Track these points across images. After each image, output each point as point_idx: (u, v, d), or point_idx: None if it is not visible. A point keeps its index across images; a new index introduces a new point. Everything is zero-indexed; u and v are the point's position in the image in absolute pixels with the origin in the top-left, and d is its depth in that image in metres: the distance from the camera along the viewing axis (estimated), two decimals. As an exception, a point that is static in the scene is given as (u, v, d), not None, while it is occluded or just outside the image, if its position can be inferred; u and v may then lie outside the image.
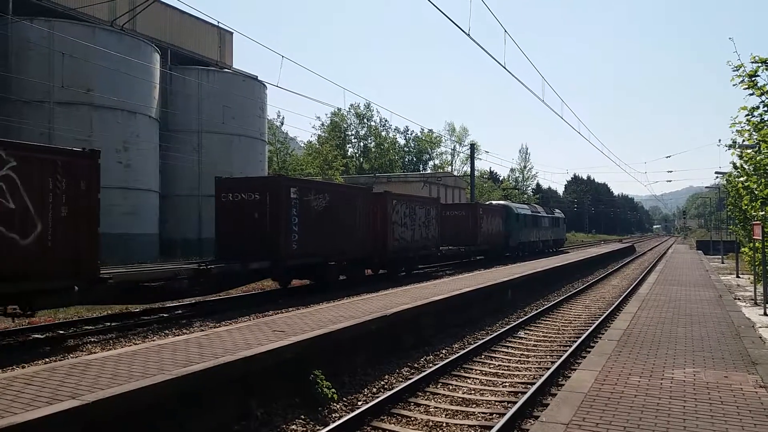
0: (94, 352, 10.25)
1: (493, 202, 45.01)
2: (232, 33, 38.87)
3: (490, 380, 9.75)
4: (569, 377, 8.33)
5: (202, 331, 10.74)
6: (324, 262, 18.60)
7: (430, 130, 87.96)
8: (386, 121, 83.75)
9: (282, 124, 64.42)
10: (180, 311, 15.31)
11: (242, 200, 16.93)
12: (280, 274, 18.07)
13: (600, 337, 11.47)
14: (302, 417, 7.67)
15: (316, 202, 18.51)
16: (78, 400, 5.77)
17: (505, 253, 37.02)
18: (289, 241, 17.15)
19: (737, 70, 10.56)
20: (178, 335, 10.80)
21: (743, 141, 13.50)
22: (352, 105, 79.13)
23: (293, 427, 7.39)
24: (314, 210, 18.33)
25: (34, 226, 10.48)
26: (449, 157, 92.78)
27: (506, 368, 10.62)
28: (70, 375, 6.83)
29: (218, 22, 34.53)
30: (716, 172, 36.16)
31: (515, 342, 12.86)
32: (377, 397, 8.39)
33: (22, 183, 10.25)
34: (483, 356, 11.37)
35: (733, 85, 10.66)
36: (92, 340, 12.00)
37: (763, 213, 14.54)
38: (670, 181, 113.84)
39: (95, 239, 11.59)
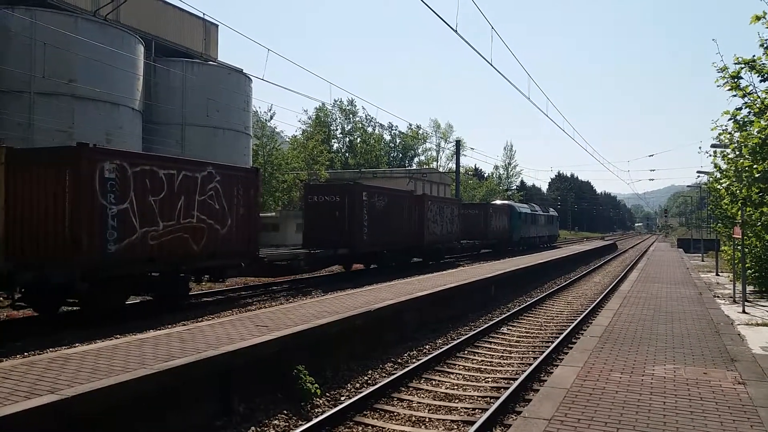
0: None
1: (498, 202, 48.78)
2: (217, 25, 38.46)
3: (473, 375, 9.78)
4: (551, 373, 8.38)
5: (184, 325, 10.64)
6: (383, 251, 23.64)
7: (418, 126, 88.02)
8: (372, 118, 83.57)
9: (272, 118, 64.06)
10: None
11: (326, 201, 21.59)
12: (355, 259, 23.13)
13: (582, 334, 11.56)
14: (285, 412, 7.64)
15: (378, 204, 23.10)
16: (57, 395, 5.69)
17: (509, 247, 40.64)
18: (361, 234, 21.70)
19: (722, 72, 10.67)
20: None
21: (725, 142, 13.66)
22: (335, 101, 78.72)
23: (276, 422, 7.35)
24: (377, 210, 22.91)
25: (227, 221, 15.12)
26: (434, 154, 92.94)
27: (489, 364, 10.66)
28: (48, 369, 6.73)
29: (203, 14, 34.18)
30: (698, 172, 36.81)
31: (498, 338, 12.92)
32: (360, 393, 8.38)
33: (222, 191, 14.98)
34: (466, 351, 11.41)
35: (718, 86, 10.78)
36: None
37: (742, 214, 14.73)
38: (652, 179, 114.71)
39: (256, 230, 16.65)
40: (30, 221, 11.61)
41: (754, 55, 10.32)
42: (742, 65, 10.40)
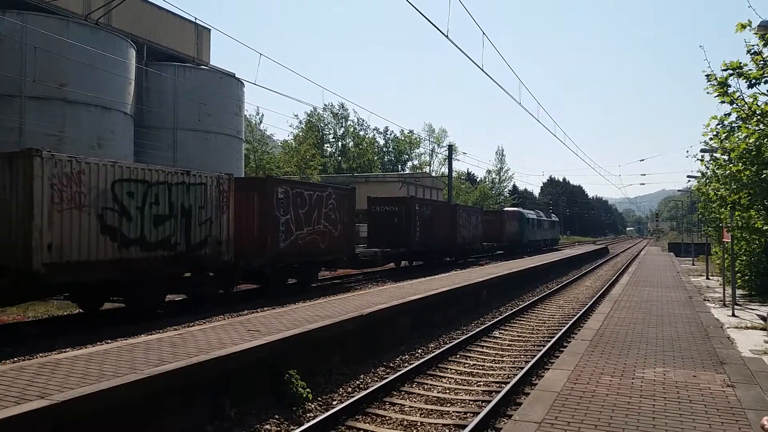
0: (253, 313, 12.62)
1: (509, 208, 55.13)
2: (209, 29, 38.41)
3: (464, 379, 9.81)
4: (542, 376, 8.42)
5: (176, 330, 10.61)
6: (428, 251, 29.68)
7: (411, 131, 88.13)
8: (363, 121, 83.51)
9: (261, 122, 63.88)
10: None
11: (386, 211, 27.67)
12: (409, 256, 29.22)
13: (573, 337, 11.60)
14: (276, 417, 7.63)
15: (425, 212, 29.11)
16: (47, 400, 5.67)
17: (519, 249, 45.71)
18: (414, 236, 27.61)
19: (710, 81, 10.75)
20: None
21: (713, 147, 13.77)
22: (326, 105, 78.47)
23: (267, 426, 7.35)
24: (424, 217, 28.88)
25: (337, 226, 20.63)
26: (428, 158, 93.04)
27: (481, 367, 10.69)
28: (39, 374, 6.70)
29: (195, 19, 34.08)
30: (688, 176, 37.02)
31: (490, 341, 12.95)
32: (352, 397, 8.38)
33: (336, 205, 20.52)
34: (458, 355, 11.43)
35: (707, 92, 10.86)
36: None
37: (731, 217, 14.84)
38: (643, 184, 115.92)
39: (353, 232, 22.57)
40: (238, 228, 16.05)
41: (740, 62, 10.41)
42: (730, 71, 10.49)
